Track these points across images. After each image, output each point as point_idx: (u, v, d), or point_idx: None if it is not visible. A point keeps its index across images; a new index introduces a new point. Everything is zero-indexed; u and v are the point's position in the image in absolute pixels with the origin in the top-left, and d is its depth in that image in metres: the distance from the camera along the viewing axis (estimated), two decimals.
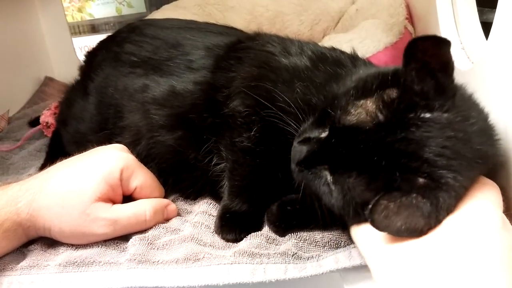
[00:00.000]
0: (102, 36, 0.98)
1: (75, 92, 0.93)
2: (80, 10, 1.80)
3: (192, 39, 0.80)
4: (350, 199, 0.53)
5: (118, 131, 0.79)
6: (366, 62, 0.70)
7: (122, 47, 0.86)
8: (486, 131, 0.56)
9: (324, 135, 0.56)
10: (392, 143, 0.49)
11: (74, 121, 0.89)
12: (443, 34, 0.88)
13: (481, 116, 0.56)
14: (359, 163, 0.51)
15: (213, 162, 0.73)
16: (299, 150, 0.57)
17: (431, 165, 0.48)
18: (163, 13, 1.41)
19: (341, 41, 1.05)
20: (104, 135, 0.78)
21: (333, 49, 0.74)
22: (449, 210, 0.48)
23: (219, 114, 0.70)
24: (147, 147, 0.76)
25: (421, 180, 0.48)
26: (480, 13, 0.84)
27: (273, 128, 0.63)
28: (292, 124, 0.61)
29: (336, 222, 0.65)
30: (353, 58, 0.70)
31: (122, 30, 0.93)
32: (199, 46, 0.79)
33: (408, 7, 1.21)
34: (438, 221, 0.47)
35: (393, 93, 0.52)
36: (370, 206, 0.48)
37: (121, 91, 0.80)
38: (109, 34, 0.98)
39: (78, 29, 1.84)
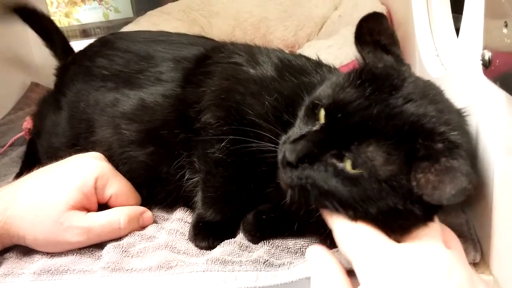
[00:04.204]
0: (89, 41, 0.98)
1: (47, 106, 0.93)
2: (67, 15, 1.81)
3: (163, 51, 0.80)
4: (374, 176, 0.48)
5: (90, 146, 0.79)
6: (331, 69, 0.71)
7: (93, 61, 0.85)
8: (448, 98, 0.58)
9: (319, 125, 0.53)
10: (398, 105, 0.49)
11: (47, 135, 0.89)
12: (419, 41, 0.89)
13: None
14: (374, 131, 0.49)
15: (185, 178, 0.72)
16: (297, 147, 0.52)
17: (441, 123, 0.49)
18: (148, 19, 1.41)
19: (321, 48, 1.06)
20: (75, 151, 0.77)
21: (299, 56, 0.74)
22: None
23: (191, 129, 0.70)
24: (119, 163, 0.76)
25: (440, 145, 0.47)
26: (455, 20, 0.85)
27: (244, 140, 0.63)
28: (265, 136, 0.60)
29: (311, 228, 0.65)
30: (318, 65, 0.71)
31: (94, 44, 0.93)
32: (168, 58, 0.78)
33: (389, 13, 1.22)
34: (475, 176, 0.46)
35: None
36: (414, 183, 0.47)
37: (92, 106, 0.80)
38: (97, 38, 0.97)
39: (67, 34, 1.84)
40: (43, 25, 1.10)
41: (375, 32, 0.54)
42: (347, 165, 0.50)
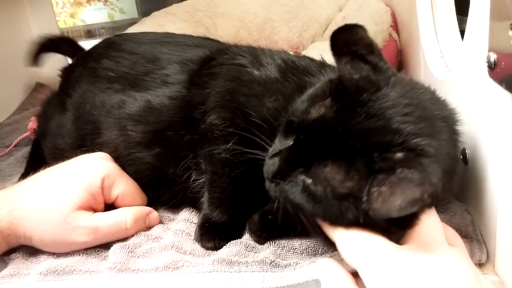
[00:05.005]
0: (94, 42, 0.98)
1: (52, 108, 0.93)
2: (72, 15, 1.81)
3: (169, 53, 0.80)
4: (332, 194, 0.50)
5: (97, 148, 0.79)
6: (335, 69, 0.71)
7: (99, 63, 0.85)
8: (439, 100, 0.57)
9: (291, 142, 0.55)
10: (358, 123, 0.49)
11: (52, 136, 0.89)
12: (423, 42, 0.89)
13: (429, 89, 0.58)
14: (332, 151, 0.50)
15: (192, 179, 0.73)
16: (272, 164, 0.56)
17: (402, 133, 0.48)
18: (153, 19, 1.41)
19: (325, 49, 1.05)
20: (81, 152, 0.77)
21: (303, 57, 0.74)
22: (437, 174, 0.46)
23: (196, 130, 0.70)
24: (126, 164, 0.76)
25: (399, 154, 0.47)
26: (460, 21, 0.85)
27: (249, 140, 0.63)
28: (266, 138, 0.61)
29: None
30: (322, 66, 0.71)
31: (99, 46, 0.93)
32: (175, 60, 0.79)
33: (393, 15, 1.22)
34: (432, 185, 0.44)
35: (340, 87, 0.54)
36: (364, 198, 0.47)
37: (98, 107, 0.80)
38: (103, 39, 0.97)
39: (72, 35, 1.85)
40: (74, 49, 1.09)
41: (350, 43, 0.54)
42: (311, 183, 0.52)
